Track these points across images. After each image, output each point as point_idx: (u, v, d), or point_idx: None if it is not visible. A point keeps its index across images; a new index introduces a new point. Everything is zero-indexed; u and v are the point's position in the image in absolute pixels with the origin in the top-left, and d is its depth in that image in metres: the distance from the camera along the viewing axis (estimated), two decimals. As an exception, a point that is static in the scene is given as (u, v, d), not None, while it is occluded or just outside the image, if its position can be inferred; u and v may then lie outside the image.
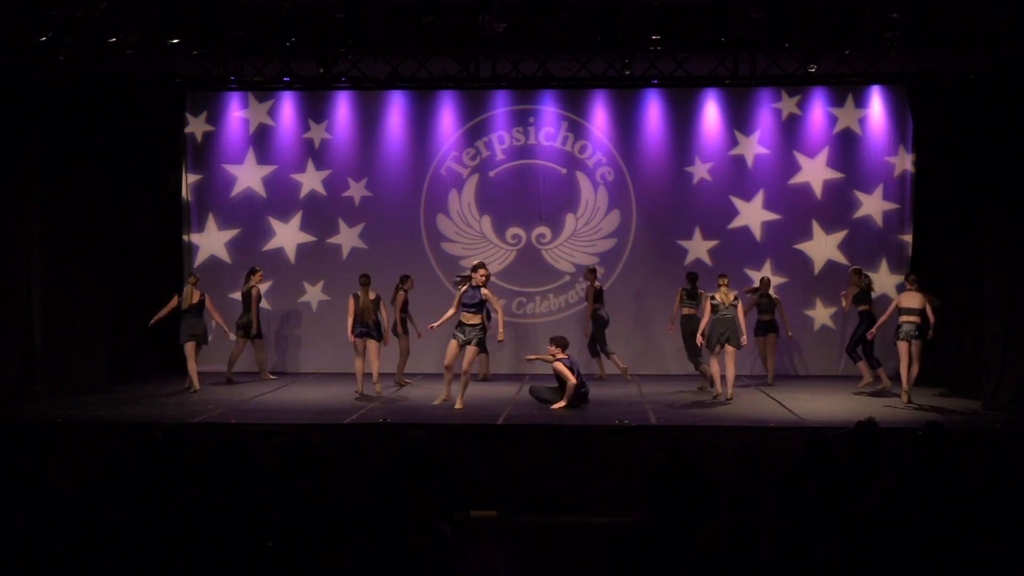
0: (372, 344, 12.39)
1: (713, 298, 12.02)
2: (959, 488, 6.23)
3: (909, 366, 11.84)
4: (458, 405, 11.36)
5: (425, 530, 6.09)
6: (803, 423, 10.72)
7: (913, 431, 8.70)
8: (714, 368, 12.08)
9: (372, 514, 4.72)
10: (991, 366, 11.91)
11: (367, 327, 12.38)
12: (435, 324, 11.87)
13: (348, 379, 13.32)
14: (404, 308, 13.19)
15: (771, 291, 13.44)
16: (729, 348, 11.88)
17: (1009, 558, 4.33)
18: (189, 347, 12.84)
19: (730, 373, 11.96)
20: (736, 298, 12.02)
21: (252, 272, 13.61)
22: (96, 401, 12.01)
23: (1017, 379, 11.63)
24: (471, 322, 11.41)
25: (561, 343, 11.87)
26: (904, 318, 11.93)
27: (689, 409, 11.71)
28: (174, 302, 12.99)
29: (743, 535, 4.64)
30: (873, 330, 12.35)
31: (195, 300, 12.98)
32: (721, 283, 12.06)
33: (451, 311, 11.61)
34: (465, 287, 11.49)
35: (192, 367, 12.84)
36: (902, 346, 11.86)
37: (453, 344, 11.45)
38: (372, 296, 12.44)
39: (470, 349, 11.39)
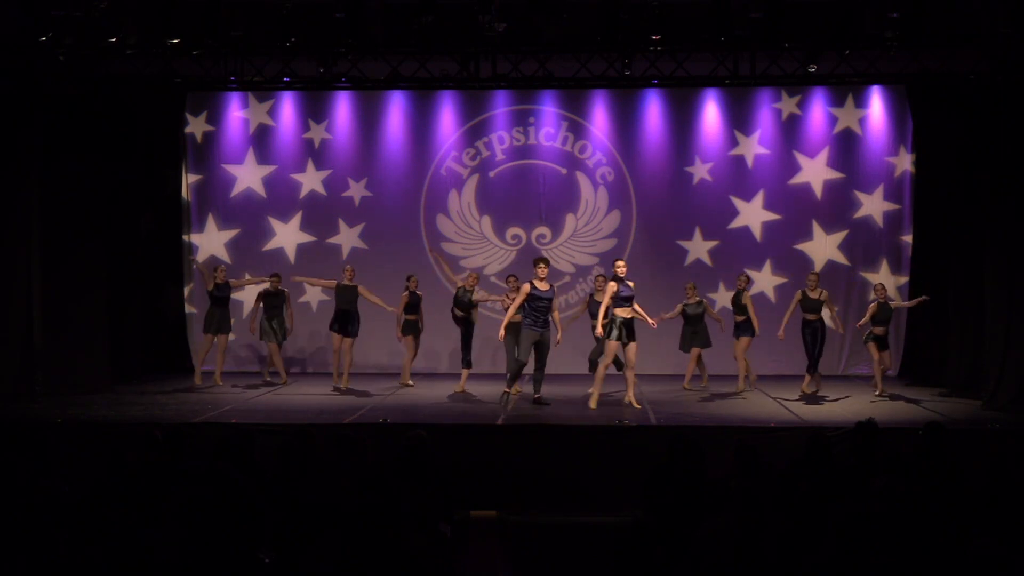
0: (344, 341, 13.06)
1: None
2: (959, 488, 6.22)
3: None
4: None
5: (425, 530, 6.08)
6: (803, 423, 10.73)
7: (913, 431, 8.70)
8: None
9: (372, 514, 4.72)
10: (991, 366, 11.92)
11: (339, 322, 13.03)
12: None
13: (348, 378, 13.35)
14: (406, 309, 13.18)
15: (746, 291, 12.99)
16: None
17: (1009, 558, 4.32)
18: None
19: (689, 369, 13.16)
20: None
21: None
22: (96, 401, 12.02)
23: (1017, 379, 11.64)
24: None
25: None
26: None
27: (689, 409, 11.71)
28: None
29: (743, 535, 4.63)
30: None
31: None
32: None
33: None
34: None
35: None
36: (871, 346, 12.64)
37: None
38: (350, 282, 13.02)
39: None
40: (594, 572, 7.32)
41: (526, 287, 11.58)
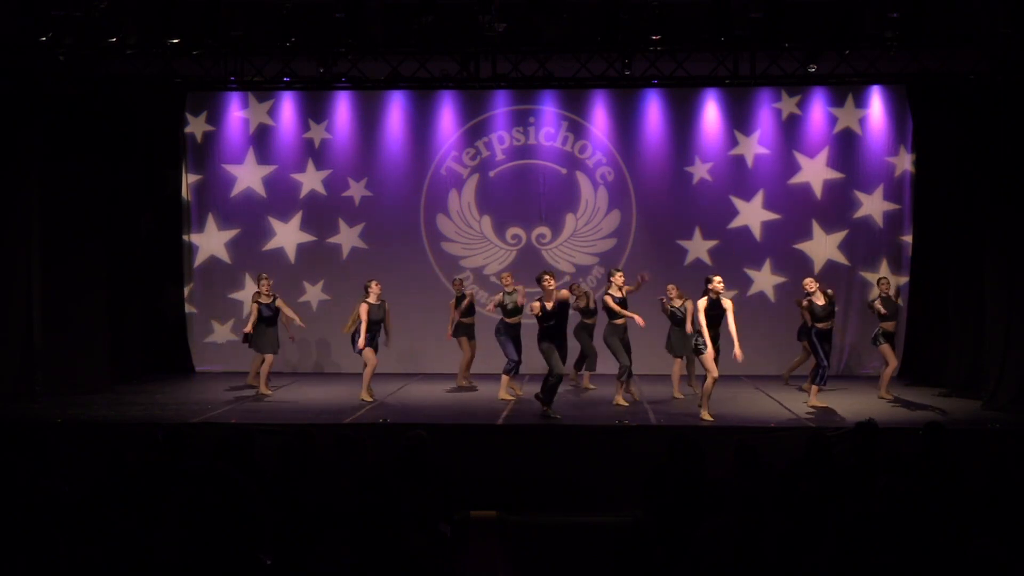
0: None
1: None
2: (959, 488, 6.22)
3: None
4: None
5: (425, 530, 6.08)
6: (803, 423, 10.72)
7: (913, 431, 8.70)
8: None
9: (372, 514, 4.72)
10: (991, 366, 11.92)
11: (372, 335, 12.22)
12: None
13: (348, 379, 13.34)
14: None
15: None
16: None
17: (1009, 558, 4.32)
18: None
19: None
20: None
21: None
22: (96, 401, 12.02)
23: (1017, 379, 11.64)
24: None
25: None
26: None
27: (689, 409, 11.70)
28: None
29: (743, 535, 4.63)
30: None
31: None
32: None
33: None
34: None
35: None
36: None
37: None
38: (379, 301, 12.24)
39: None
40: (594, 572, 7.32)
41: (567, 294, 11.43)
